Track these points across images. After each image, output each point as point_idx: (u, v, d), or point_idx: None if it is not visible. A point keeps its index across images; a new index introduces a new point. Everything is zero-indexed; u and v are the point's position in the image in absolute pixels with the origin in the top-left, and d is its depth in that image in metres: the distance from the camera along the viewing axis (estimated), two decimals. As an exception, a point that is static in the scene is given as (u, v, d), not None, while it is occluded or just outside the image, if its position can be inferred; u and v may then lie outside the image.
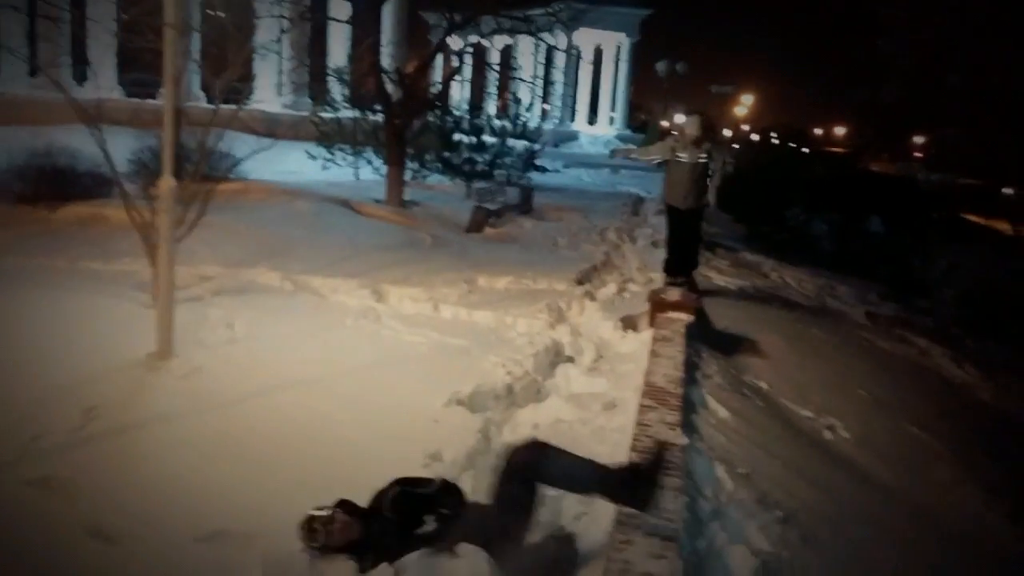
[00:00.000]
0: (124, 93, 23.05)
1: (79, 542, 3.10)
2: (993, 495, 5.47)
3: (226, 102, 6.64)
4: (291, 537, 3.04)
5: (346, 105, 17.67)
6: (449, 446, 4.12)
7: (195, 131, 6.43)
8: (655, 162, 7.85)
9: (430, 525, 3.04)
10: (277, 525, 3.18)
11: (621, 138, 45.36)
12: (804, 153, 23.11)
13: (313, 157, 17.42)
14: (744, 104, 50.36)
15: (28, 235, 8.29)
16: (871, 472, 5.17)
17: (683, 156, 7.21)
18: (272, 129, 19.54)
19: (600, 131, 48.32)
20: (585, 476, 3.14)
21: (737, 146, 37.56)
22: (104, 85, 20.24)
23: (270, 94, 23.40)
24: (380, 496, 3.20)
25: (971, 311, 11.49)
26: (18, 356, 4.87)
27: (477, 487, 3.75)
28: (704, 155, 7.23)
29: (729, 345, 6.91)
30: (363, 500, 3.22)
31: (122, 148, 9.59)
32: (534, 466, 3.11)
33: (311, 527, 3.03)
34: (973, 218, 18.03)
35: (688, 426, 4.38)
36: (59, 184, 9.72)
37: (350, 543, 3.04)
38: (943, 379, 8.17)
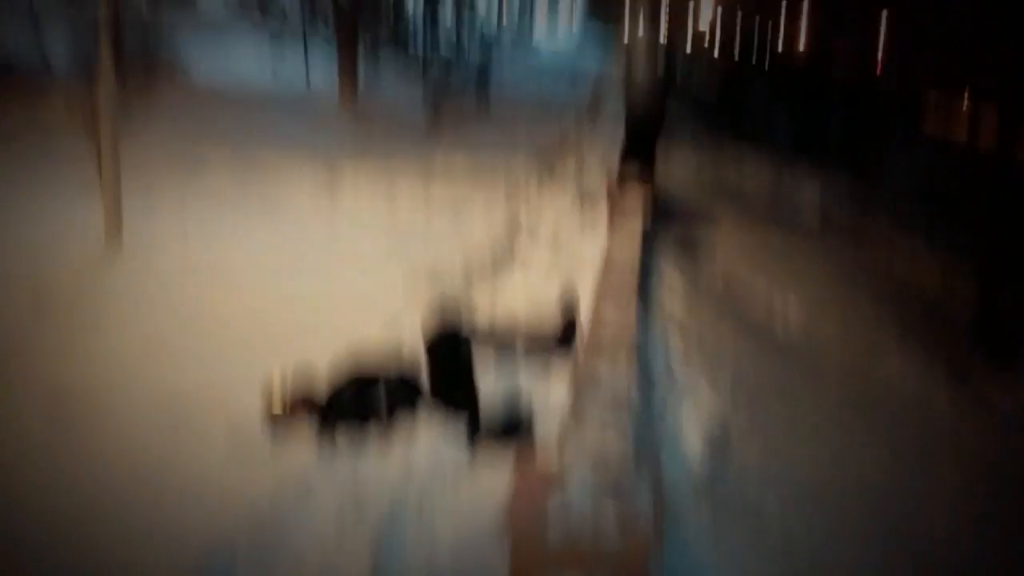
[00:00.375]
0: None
1: (41, 401, 3.10)
2: (936, 384, 5.70)
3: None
4: (255, 406, 3.08)
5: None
6: (408, 313, 4.16)
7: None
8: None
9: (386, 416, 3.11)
10: (239, 397, 3.22)
11: (579, 44, 44.14)
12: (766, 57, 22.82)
13: (261, 53, 16.70)
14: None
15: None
16: (819, 339, 5.35)
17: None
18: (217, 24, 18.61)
19: (559, 35, 46.84)
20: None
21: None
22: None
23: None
24: (338, 394, 3.23)
25: (924, 209, 11.73)
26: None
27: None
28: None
29: (684, 242, 7.00)
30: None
31: (61, 35, 9.12)
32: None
33: (275, 393, 3.08)
34: (932, 119, 18.13)
35: (650, 302, 4.47)
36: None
37: (313, 408, 3.09)
38: (893, 276, 8.36)
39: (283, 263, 5.02)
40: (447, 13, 22.23)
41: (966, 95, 9.27)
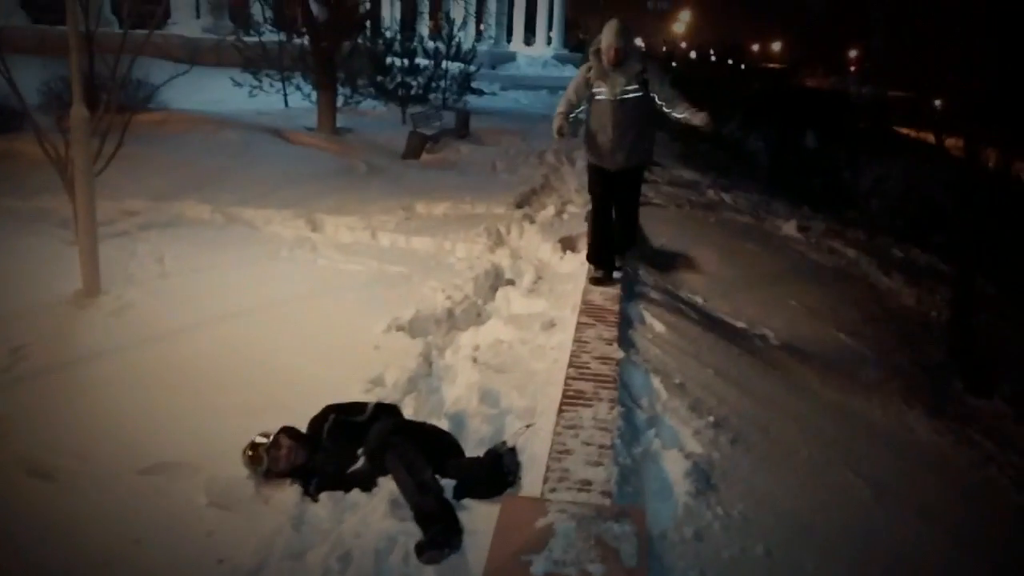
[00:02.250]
0: (29, 19, 21.65)
1: (17, 480, 3.06)
2: (913, 394, 5.79)
3: (139, 26, 6.30)
4: (234, 464, 3.06)
5: (271, 27, 16.96)
6: (390, 370, 4.15)
7: (108, 59, 6.12)
8: (572, 115, 5.16)
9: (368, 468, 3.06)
10: (219, 453, 3.21)
11: (559, 58, 44.75)
12: (740, 69, 23.17)
13: (239, 84, 16.79)
14: (682, 21, 49.98)
15: (-63, 174, 7.87)
16: (799, 377, 5.41)
17: (602, 90, 5.00)
18: (192, 55, 18.61)
19: (537, 51, 47.51)
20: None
21: (675, 64, 37.41)
22: (5, 11, 19.00)
23: (187, 16, 22.27)
24: (316, 423, 3.24)
25: (897, 221, 11.90)
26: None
27: (419, 409, 3.81)
28: (636, 85, 4.98)
29: (666, 262, 7.05)
30: (304, 426, 3.26)
31: (30, 78, 9.08)
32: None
33: (256, 453, 3.06)
34: (903, 130, 18.47)
35: (625, 340, 4.50)
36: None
37: (295, 468, 3.08)
38: (870, 287, 8.50)
39: (260, 305, 5.00)
40: (424, 33, 22.37)
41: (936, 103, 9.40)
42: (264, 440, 3.11)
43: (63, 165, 5.62)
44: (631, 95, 5.01)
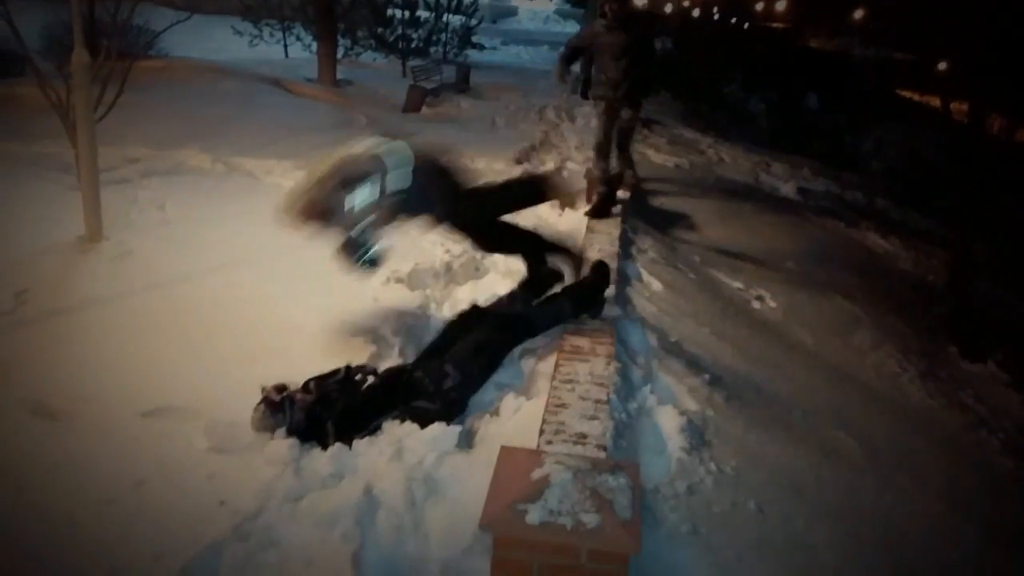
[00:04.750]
0: (26, -38, 21.24)
1: (21, 420, 3.11)
2: (908, 358, 5.86)
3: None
4: (233, 410, 3.11)
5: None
6: (388, 322, 4.18)
7: (109, 4, 6.03)
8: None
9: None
10: (219, 398, 3.26)
11: (560, 13, 44.02)
12: (744, 30, 22.87)
13: (239, 33, 16.58)
14: (687, -23, 48.96)
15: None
16: (795, 338, 5.47)
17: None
18: (193, 2, 18.37)
19: (539, 6, 46.69)
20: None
21: (677, 24, 36.77)
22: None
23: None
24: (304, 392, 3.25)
25: (898, 184, 11.88)
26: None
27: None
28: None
29: (664, 221, 7.06)
30: (301, 375, 3.30)
31: (32, 22, 8.95)
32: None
33: (271, 404, 3.07)
34: (906, 93, 18.30)
35: (622, 298, 4.53)
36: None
37: (309, 416, 3.10)
38: (868, 250, 8.53)
39: (259, 254, 5.00)
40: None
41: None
42: (277, 395, 3.12)
43: (64, 110, 5.57)
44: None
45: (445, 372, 3.24)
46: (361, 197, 3.49)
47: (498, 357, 3.51)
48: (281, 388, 3.13)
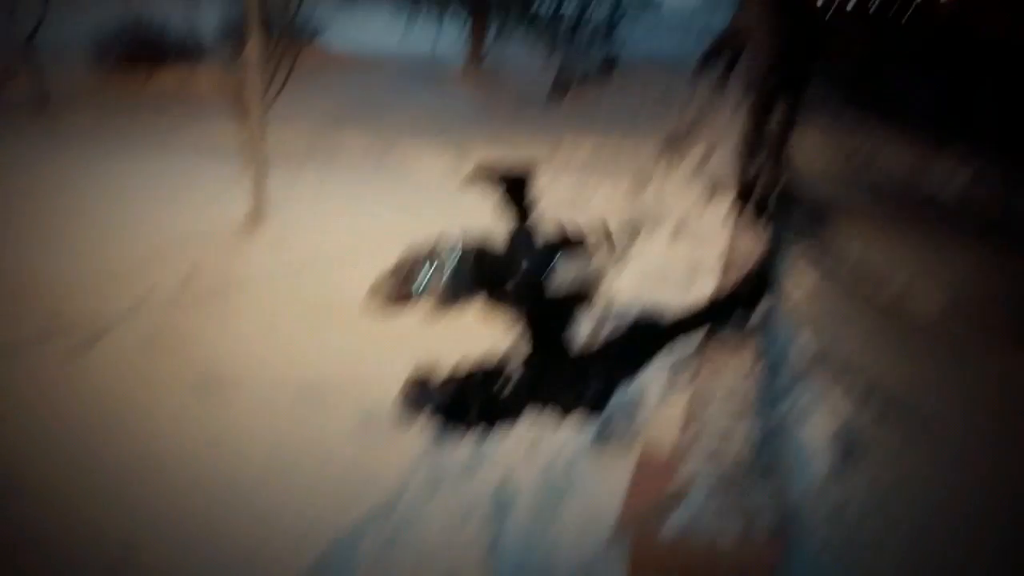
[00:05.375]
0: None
1: (186, 393, 3.35)
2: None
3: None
4: (383, 389, 3.22)
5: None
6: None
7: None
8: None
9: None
10: (365, 378, 3.38)
11: (709, 1, 42.43)
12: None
13: (395, 20, 17.08)
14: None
15: (125, 103, 8.54)
16: (962, 344, 5.02)
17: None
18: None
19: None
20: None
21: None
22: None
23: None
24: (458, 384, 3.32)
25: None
26: (122, 217, 5.14)
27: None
28: None
29: (816, 217, 6.68)
30: (452, 355, 3.38)
31: (211, 14, 9.65)
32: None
33: (418, 384, 3.18)
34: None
35: (774, 291, 4.32)
36: (152, 51, 9.89)
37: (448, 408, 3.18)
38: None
39: (413, 236, 5.15)
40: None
41: None
42: (423, 376, 3.23)
43: (237, 95, 5.95)
44: None
45: (589, 378, 3.19)
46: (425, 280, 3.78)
47: (641, 366, 3.42)
48: (429, 370, 3.23)
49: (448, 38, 16.37)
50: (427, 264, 3.99)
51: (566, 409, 3.08)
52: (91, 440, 3.06)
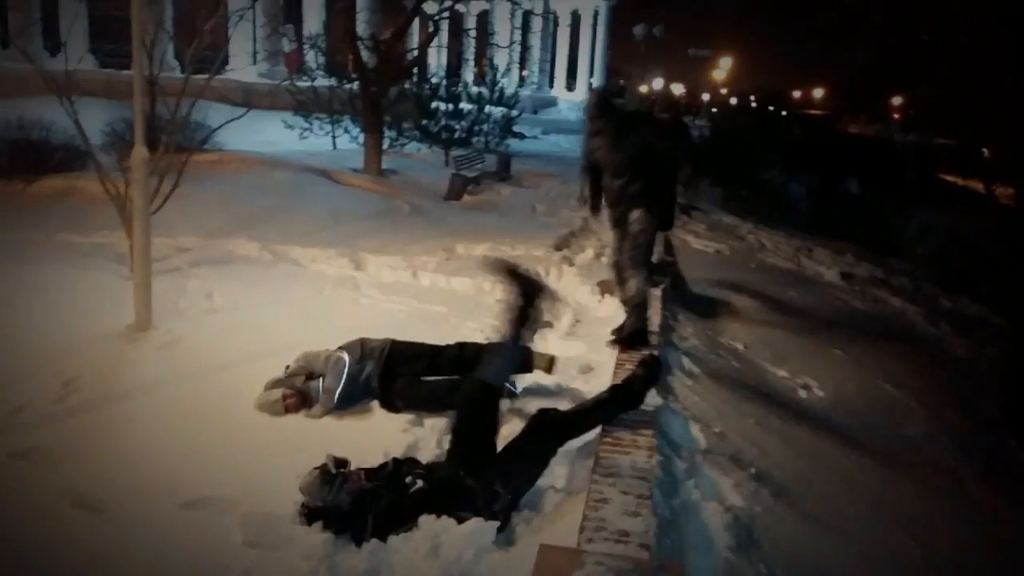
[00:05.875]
0: (97, 63, 22.54)
1: (63, 512, 3.13)
2: (965, 451, 5.62)
3: (200, 71, 6.55)
4: (270, 502, 3.10)
5: (322, 73, 17.48)
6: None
7: (170, 102, 6.37)
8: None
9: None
10: (257, 489, 3.25)
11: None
12: (782, 116, 23.17)
13: (290, 127, 17.27)
14: (723, 67, 50.12)
15: (4, 209, 8.20)
16: (845, 430, 5.29)
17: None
18: (248, 98, 19.19)
19: (579, 96, 48.00)
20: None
21: (715, 110, 37.45)
22: (75, 55, 19.76)
23: (245, 62, 23.08)
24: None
25: (945, 270, 11.68)
26: (-3, 328, 4.86)
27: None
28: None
29: (705, 307, 7.00)
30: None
31: (96, 119, 9.47)
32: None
33: (326, 474, 3.07)
34: (950, 178, 18.21)
35: (663, 387, 4.45)
36: (34, 157, 9.61)
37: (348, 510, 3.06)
38: (917, 337, 8.32)
39: (304, 342, 5.07)
40: (468, 79, 22.76)
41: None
42: (335, 468, 3.13)
43: (122, 203, 5.84)
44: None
45: (497, 492, 3.10)
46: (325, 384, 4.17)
47: (544, 467, 3.41)
48: (342, 463, 3.13)
49: (346, 143, 16.68)
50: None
51: (469, 515, 3.02)
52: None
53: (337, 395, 4.11)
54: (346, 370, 4.17)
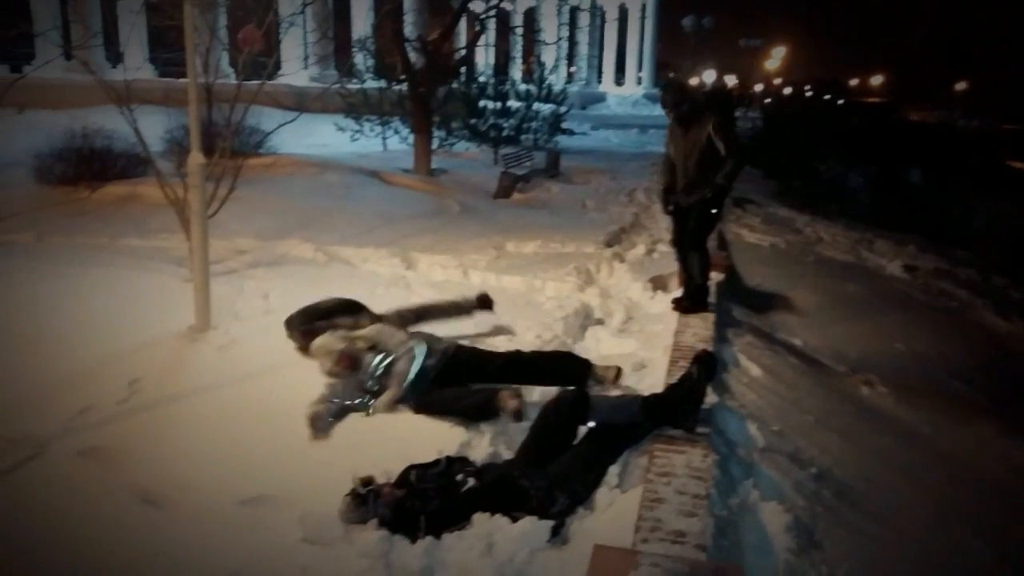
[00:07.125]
0: (155, 72, 23.23)
1: (128, 508, 3.21)
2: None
3: (253, 77, 6.67)
4: (327, 501, 3.13)
5: (371, 75, 17.67)
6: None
7: (224, 108, 6.50)
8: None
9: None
10: (313, 488, 3.29)
11: (649, 97, 44.74)
12: (839, 104, 22.56)
13: (341, 129, 17.52)
14: (775, 57, 49.17)
15: (70, 215, 8.47)
16: (909, 427, 5.13)
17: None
18: (300, 102, 19.58)
19: (627, 91, 47.70)
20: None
21: (768, 100, 36.75)
22: (134, 65, 20.36)
23: (296, 67, 23.53)
24: (400, 480, 3.25)
25: (1014, 260, 11.22)
26: (65, 331, 5.02)
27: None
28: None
29: (761, 303, 6.87)
30: (399, 461, 3.31)
31: (155, 127, 9.75)
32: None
33: (356, 497, 3.08)
34: (1017, 164, 17.53)
35: (719, 384, 4.38)
36: (97, 165, 9.92)
37: (398, 511, 3.08)
38: (985, 330, 8.02)
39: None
40: (516, 77, 22.73)
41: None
42: (363, 488, 3.14)
43: (181, 207, 5.99)
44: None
45: (555, 495, 3.10)
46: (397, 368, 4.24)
47: (604, 473, 3.38)
48: (368, 481, 3.14)
49: (396, 144, 16.85)
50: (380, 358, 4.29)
51: (522, 514, 3.01)
52: (36, 555, 2.91)
53: (405, 385, 4.16)
54: (422, 360, 4.22)
